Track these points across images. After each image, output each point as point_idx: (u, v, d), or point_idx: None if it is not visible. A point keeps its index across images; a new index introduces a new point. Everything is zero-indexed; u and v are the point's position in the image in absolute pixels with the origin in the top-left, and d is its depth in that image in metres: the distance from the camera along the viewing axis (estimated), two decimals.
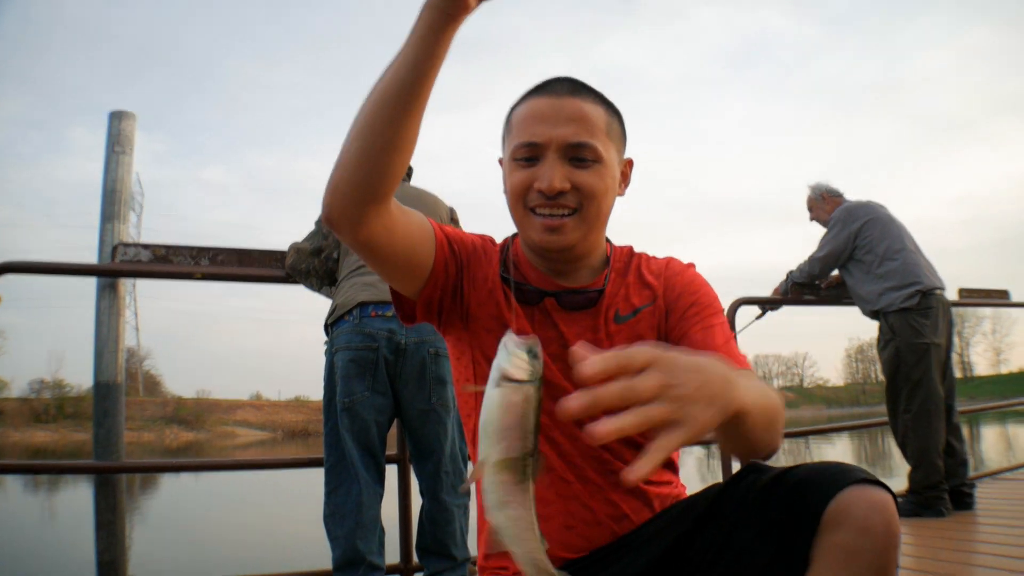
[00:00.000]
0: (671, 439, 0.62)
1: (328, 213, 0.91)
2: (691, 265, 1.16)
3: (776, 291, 3.68)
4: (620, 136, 1.09)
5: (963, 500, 3.22)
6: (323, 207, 0.91)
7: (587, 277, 1.10)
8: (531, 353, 0.71)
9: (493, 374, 0.71)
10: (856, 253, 3.40)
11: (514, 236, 1.15)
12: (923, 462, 3.16)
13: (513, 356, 0.70)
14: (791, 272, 3.62)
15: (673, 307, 1.09)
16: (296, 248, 2.39)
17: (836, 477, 0.87)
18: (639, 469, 0.60)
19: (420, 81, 0.84)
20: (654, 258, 1.17)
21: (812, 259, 3.52)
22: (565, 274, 1.09)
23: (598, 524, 1.03)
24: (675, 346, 1.03)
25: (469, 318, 1.08)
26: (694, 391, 0.63)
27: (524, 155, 1.02)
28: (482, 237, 1.15)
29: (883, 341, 3.32)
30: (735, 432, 0.79)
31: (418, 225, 1.02)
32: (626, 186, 1.13)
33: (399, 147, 0.87)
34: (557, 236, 1.01)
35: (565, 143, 1.00)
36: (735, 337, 1.08)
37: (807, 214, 3.70)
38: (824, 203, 3.61)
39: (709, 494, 0.97)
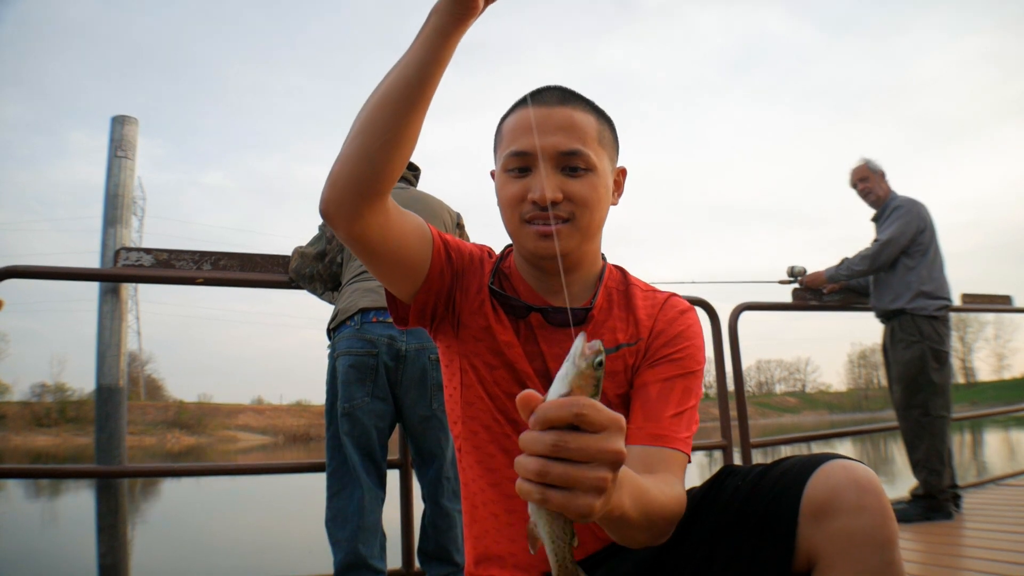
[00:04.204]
0: (566, 502, 0.59)
1: (325, 206, 0.91)
2: (689, 311, 1.10)
3: (820, 275, 3.66)
4: (612, 144, 1.07)
5: (956, 503, 3.26)
6: (320, 200, 0.91)
7: (579, 293, 1.09)
8: (597, 365, 0.63)
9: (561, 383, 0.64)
10: (910, 248, 3.38)
11: (509, 249, 1.15)
12: (937, 465, 3.17)
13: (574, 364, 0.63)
14: (847, 259, 3.54)
15: (651, 352, 1.04)
16: (300, 252, 2.40)
17: (812, 460, 0.89)
18: None
19: (424, 82, 0.85)
20: (651, 291, 1.13)
21: (878, 242, 3.41)
22: (557, 289, 1.08)
23: (586, 529, 1.03)
24: (634, 388, 1.03)
25: (460, 326, 1.08)
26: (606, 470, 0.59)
27: (515, 165, 1.01)
28: (480, 247, 1.14)
29: (906, 342, 3.30)
30: (610, 526, 0.79)
31: (414, 228, 1.01)
32: (619, 195, 1.11)
33: (399, 146, 0.87)
34: (551, 242, 0.99)
35: (556, 152, 0.98)
36: (695, 407, 1.01)
37: (850, 179, 3.63)
38: (880, 179, 3.58)
39: (692, 498, 0.97)
